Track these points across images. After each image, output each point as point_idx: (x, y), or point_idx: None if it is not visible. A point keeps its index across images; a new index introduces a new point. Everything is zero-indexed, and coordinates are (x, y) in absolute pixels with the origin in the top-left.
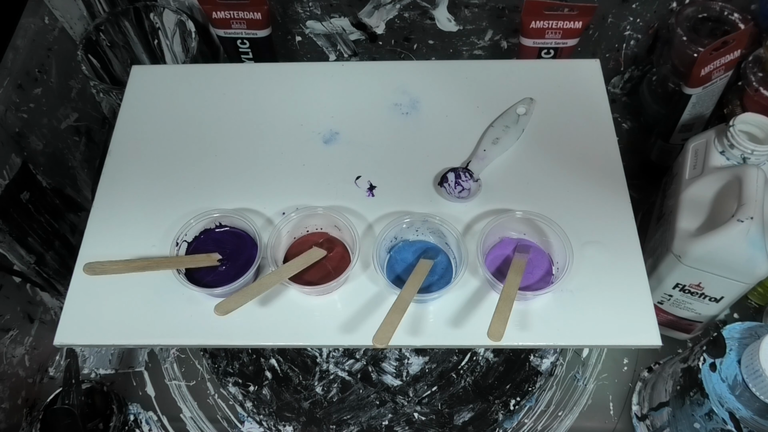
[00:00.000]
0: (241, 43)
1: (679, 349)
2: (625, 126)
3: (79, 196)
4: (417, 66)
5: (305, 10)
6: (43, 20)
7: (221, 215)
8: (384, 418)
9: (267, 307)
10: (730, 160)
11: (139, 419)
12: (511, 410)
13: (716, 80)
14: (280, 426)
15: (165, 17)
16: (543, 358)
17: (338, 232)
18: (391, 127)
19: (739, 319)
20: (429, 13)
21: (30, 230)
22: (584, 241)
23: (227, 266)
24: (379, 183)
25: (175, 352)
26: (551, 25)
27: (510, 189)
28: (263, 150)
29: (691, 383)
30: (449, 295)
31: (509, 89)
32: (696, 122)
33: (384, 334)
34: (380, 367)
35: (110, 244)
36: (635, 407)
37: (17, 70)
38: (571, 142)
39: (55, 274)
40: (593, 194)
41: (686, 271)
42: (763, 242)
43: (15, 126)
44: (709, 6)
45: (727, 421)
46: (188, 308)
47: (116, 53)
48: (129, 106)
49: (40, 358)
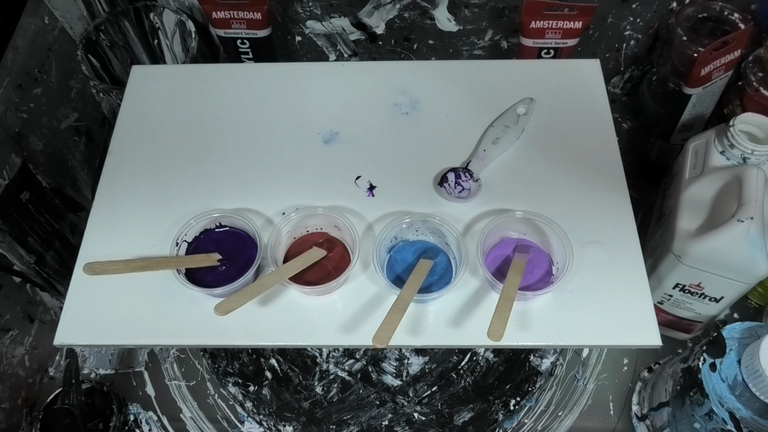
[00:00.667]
0: (241, 43)
1: (679, 349)
2: (625, 126)
3: (79, 196)
4: (417, 66)
5: (305, 10)
6: (43, 20)
7: (221, 215)
8: (384, 418)
9: (267, 307)
10: (730, 160)
11: (139, 419)
12: (511, 410)
13: (716, 80)
14: (280, 426)
15: (165, 17)
16: (543, 358)
17: (338, 232)
18: (391, 127)
19: (739, 319)
20: (429, 13)
21: (30, 230)
22: (584, 241)
23: (227, 266)
24: (379, 183)
25: (175, 352)
26: (551, 25)
27: (510, 189)
28: (263, 150)
29: (691, 383)
30: (449, 295)
31: (509, 89)
32: (696, 122)
33: (384, 334)
34: (380, 367)
35: (110, 244)
36: (635, 407)
37: (17, 70)
38: (571, 142)
39: (55, 274)
40: (593, 194)
41: (686, 271)
42: (763, 242)
43: (15, 126)
44: (709, 6)
45: (727, 421)
46: (188, 308)
47: (116, 53)
48: (129, 106)
49: (40, 358)
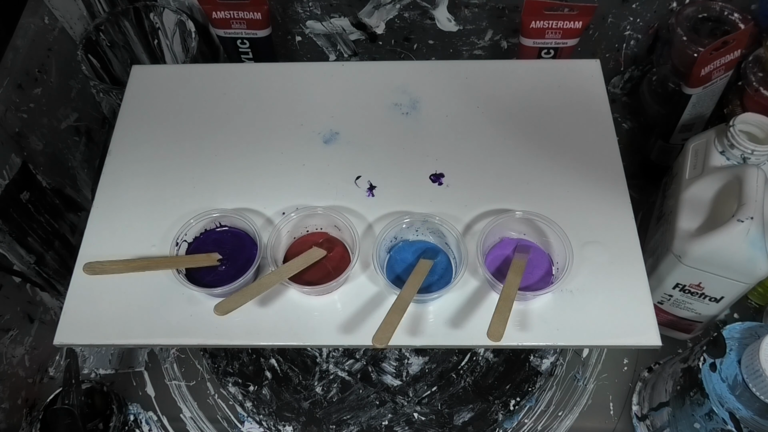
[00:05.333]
0: (241, 43)
1: (679, 349)
2: (625, 126)
3: (79, 196)
4: (417, 66)
5: (305, 10)
6: (43, 20)
7: (221, 215)
8: (384, 418)
9: (267, 307)
10: (730, 160)
11: (139, 419)
12: (511, 410)
13: (716, 80)
14: (280, 426)
15: (165, 17)
16: (543, 358)
17: (338, 232)
18: (391, 127)
19: (739, 319)
20: (429, 13)
21: (30, 230)
22: (584, 241)
23: (227, 266)
24: (379, 183)
25: (175, 352)
26: (551, 25)
27: (510, 189)
28: (263, 150)
29: (691, 383)
30: (449, 295)
31: (509, 89)
32: (696, 122)
33: (384, 334)
34: (380, 367)
35: (110, 244)
36: (635, 407)
37: (17, 70)
38: (571, 142)
39: (55, 274)
40: (593, 194)
41: (686, 271)
42: (763, 242)
43: (15, 126)
44: (709, 6)
45: (727, 421)
46: (188, 308)
47: (116, 53)
48: (129, 106)
49: (40, 358)
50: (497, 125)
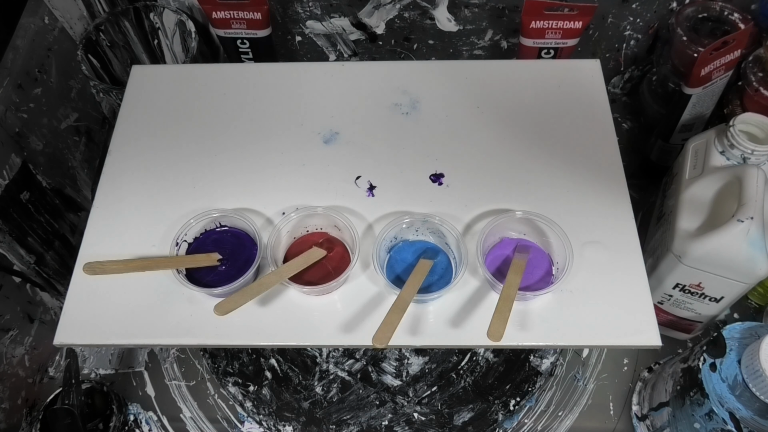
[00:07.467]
0: (241, 43)
1: (679, 349)
2: (625, 126)
3: (79, 196)
4: (417, 66)
5: (305, 10)
6: (43, 20)
7: (221, 215)
8: (384, 418)
9: (267, 307)
10: (730, 160)
11: (139, 419)
12: (511, 410)
13: (716, 80)
14: (280, 426)
15: (165, 17)
16: (543, 358)
17: (338, 232)
18: (391, 127)
19: (739, 319)
20: (429, 13)
21: (30, 230)
22: (584, 241)
23: (227, 266)
24: (379, 183)
25: (175, 352)
26: (551, 25)
27: (510, 189)
28: (263, 150)
29: (691, 383)
30: (449, 295)
31: (509, 89)
32: (696, 122)
33: (384, 334)
34: (380, 367)
35: (110, 244)
36: (635, 407)
37: (17, 70)
38: (571, 142)
39: (55, 274)
40: (593, 194)
41: (686, 271)
42: (763, 242)
43: (15, 126)
44: (709, 6)
45: (727, 421)
46: (188, 308)
47: (116, 53)
48: (129, 106)
49: (40, 358)
50: (497, 125)
